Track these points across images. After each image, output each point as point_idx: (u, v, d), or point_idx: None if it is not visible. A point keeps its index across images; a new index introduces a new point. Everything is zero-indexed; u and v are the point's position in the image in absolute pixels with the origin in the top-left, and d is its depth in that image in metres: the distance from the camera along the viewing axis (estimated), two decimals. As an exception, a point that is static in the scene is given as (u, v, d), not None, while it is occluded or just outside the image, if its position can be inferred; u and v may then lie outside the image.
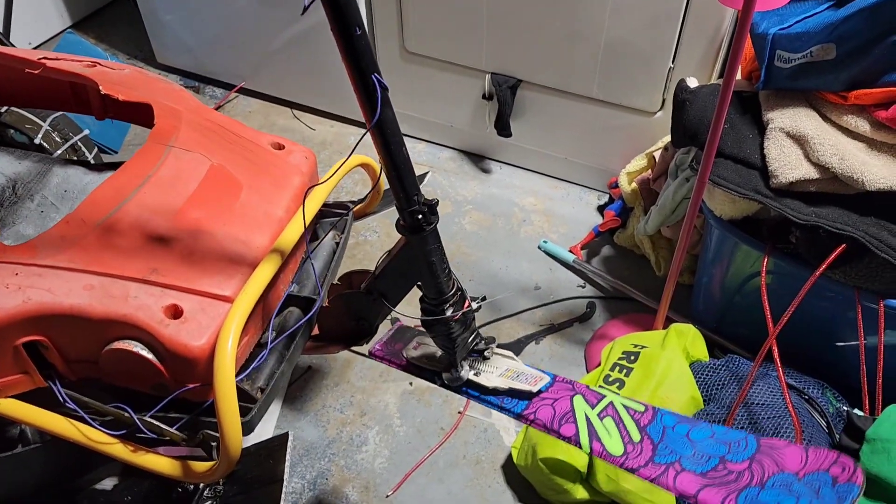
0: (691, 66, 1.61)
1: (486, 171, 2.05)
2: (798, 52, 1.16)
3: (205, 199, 0.92)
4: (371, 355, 1.06)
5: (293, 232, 0.92)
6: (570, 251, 1.79)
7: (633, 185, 1.70)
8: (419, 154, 2.09)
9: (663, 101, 1.69)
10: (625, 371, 1.34)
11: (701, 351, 1.41)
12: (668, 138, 1.64)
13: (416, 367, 0.99)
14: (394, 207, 1.12)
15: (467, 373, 0.94)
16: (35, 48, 2.40)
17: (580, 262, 1.75)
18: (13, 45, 2.09)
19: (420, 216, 0.81)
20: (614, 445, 0.88)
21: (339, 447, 1.42)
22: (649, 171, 1.68)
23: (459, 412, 1.48)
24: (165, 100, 1.06)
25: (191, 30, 2.23)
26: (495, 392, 0.95)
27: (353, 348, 1.43)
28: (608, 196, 1.92)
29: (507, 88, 1.83)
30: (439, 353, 0.95)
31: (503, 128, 1.88)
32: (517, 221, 1.90)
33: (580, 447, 0.88)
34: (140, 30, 2.41)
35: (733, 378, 1.33)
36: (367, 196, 1.14)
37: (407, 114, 2.07)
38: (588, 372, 1.54)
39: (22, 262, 0.81)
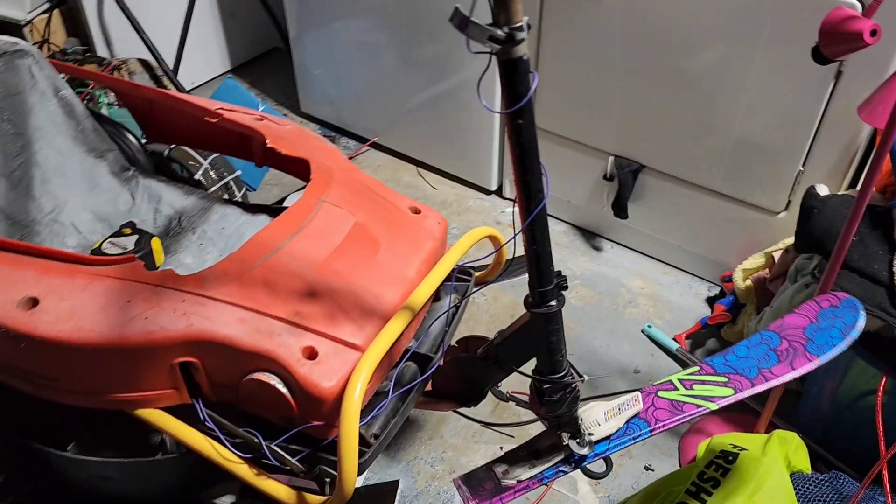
0: (822, 171, 1.60)
1: (597, 248, 2.08)
2: (938, 176, 1.15)
3: (347, 253, 1.01)
4: None
5: (422, 293, 0.99)
6: (674, 339, 1.78)
7: (748, 282, 1.69)
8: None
9: (788, 202, 1.68)
10: (721, 471, 1.32)
11: (803, 462, 1.37)
12: (789, 240, 1.63)
13: (532, 479, 1.02)
14: (510, 279, 1.17)
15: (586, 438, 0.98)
16: (197, 87, 2.65)
17: (683, 352, 1.74)
18: (181, 83, 2.33)
19: (549, 298, 0.86)
20: (723, 391, 1.04)
21: (427, 500, 1.46)
22: (767, 270, 1.67)
23: (546, 484, 1.49)
24: (321, 157, 1.17)
25: (335, 84, 2.41)
26: (618, 432, 1.00)
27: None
28: (719, 288, 1.91)
29: (630, 172, 1.87)
30: (537, 455, 0.99)
31: (620, 209, 1.92)
32: (623, 302, 1.92)
33: (713, 407, 1.02)
34: (289, 80, 2.62)
35: (836, 496, 1.28)
36: (489, 266, 1.20)
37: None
38: (681, 465, 1.52)
39: (189, 291, 0.92)
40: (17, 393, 0.96)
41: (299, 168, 1.19)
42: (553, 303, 0.89)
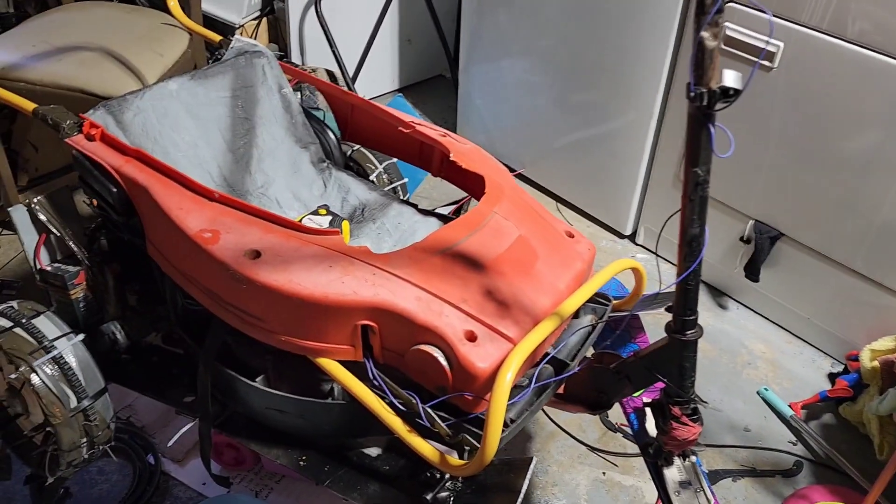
0: (969, 266, 1.61)
1: (722, 306, 2.13)
2: None
3: (510, 259, 1.16)
4: None
5: (571, 305, 1.11)
6: (790, 406, 1.81)
7: (875, 362, 1.70)
8: (662, 274, 2.22)
9: (929, 291, 1.69)
10: (821, 534, 1.35)
11: (908, 545, 1.37)
12: (925, 328, 1.64)
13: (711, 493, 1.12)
14: (645, 311, 1.28)
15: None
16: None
17: (797, 420, 1.77)
18: (356, 91, 2.58)
19: (690, 327, 0.97)
20: None
21: (528, 505, 1.57)
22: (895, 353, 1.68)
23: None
24: (494, 175, 1.33)
25: (493, 115, 2.60)
26: None
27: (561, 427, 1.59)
28: (843, 366, 1.92)
29: (768, 238, 1.92)
30: (685, 484, 1.09)
31: (753, 273, 1.97)
32: (742, 362, 1.96)
33: None
34: (448, 106, 2.84)
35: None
36: (626, 297, 1.31)
37: (658, 232, 2.24)
38: (780, 525, 1.55)
39: (378, 267, 1.09)
40: (223, 326, 1.16)
41: (474, 182, 1.35)
42: (692, 331, 1.00)
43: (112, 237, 1.35)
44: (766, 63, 1.74)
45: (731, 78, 0.84)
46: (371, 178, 1.76)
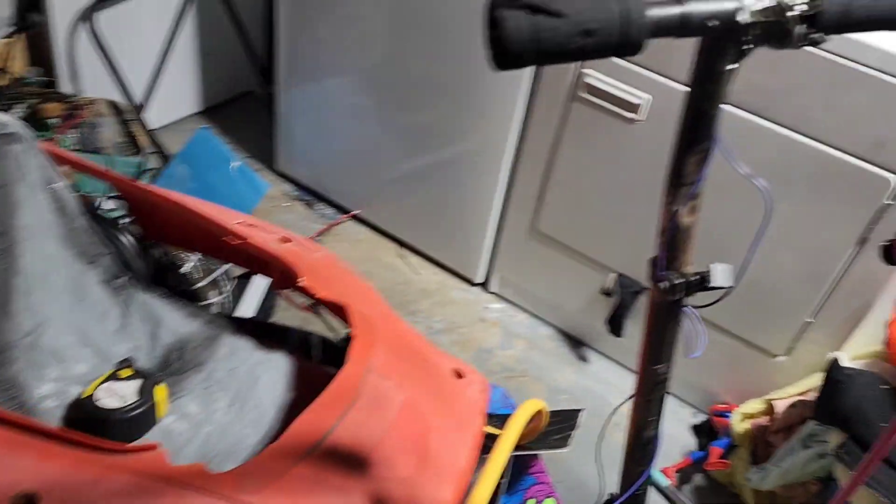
0: (830, 327, 1.59)
1: (583, 358, 2.02)
2: None
3: (397, 441, 0.89)
4: None
5: (481, 500, 0.88)
6: (663, 472, 1.73)
7: (747, 424, 1.66)
8: (518, 324, 2.07)
9: (790, 348, 1.67)
10: None
11: None
12: (792, 388, 1.62)
13: None
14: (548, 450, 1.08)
15: None
16: (164, 126, 2.42)
17: (674, 491, 1.69)
18: (146, 119, 2.12)
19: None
20: None
21: None
22: (766, 417, 1.64)
23: None
24: (358, 301, 1.05)
25: (319, 146, 2.27)
26: None
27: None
28: (705, 416, 1.88)
29: (631, 292, 1.82)
30: None
31: (616, 328, 1.87)
32: (611, 424, 1.85)
33: None
34: (262, 131, 2.46)
35: None
36: (527, 431, 1.11)
37: (514, 281, 2.07)
38: None
39: (224, 496, 0.77)
40: None
41: (332, 308, 1.06)
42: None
43: None
44: (631, 115, 1.61)
45: (721, 275, 0.65)
46: (183, 270, 1.40)
